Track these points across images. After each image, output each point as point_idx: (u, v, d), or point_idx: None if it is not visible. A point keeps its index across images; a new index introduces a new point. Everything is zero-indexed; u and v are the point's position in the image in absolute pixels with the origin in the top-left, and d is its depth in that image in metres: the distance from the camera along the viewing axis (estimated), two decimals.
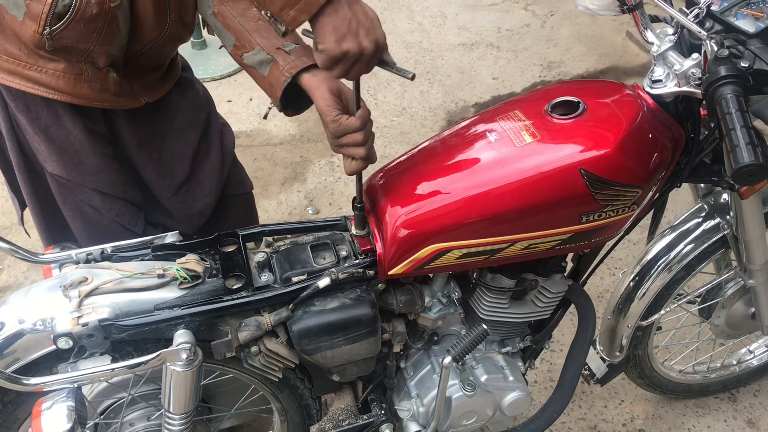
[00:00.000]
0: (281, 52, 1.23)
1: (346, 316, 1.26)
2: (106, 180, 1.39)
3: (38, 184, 1.43)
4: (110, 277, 1.23)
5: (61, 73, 1.26)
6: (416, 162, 1.32)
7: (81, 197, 1.41)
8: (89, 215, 1.43)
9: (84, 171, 1.36)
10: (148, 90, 1.40)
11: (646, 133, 1.24)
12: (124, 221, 1.44)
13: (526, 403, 1.50)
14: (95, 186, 1.39)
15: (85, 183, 1.38)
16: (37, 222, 1.51)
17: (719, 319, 1.76)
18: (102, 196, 1.41)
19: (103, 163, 1.37)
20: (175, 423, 1.28)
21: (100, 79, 1.29)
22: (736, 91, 1.00)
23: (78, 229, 1.45)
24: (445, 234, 1.22)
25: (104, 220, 1.43)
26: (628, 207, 1.25)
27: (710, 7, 1.26)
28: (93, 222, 1.43)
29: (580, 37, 3.75)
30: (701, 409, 1.97)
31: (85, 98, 1.29)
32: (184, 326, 1.21)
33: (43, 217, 1.48)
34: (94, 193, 1.40)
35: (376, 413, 1.49)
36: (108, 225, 1.43)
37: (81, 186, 1.38)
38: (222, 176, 1.59)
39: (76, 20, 1.16)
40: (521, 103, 1.33)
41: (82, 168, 1.35)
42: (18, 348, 1.21)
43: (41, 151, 1.34)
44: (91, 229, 1.43)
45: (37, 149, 1.34)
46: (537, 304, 1.45)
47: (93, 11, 1.16)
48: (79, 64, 1.26)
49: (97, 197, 1.40)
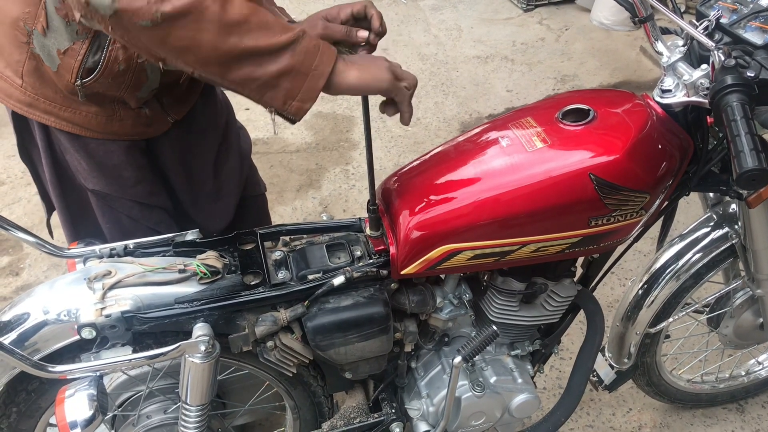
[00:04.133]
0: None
1: (360, 314, 1.30)
2: (143, 191, 1.44)
3: (70, 196, 1.48)
4: (133, 271, 1.27)
5: (94, 114, 1.32)
6: (430, 166, 1.36)
7: (121, 209, 1.45)
8: (127, 227, 1.47)
9: (123, 184, 1.41)
10: (177, 107, 1.45)
11: (655, 140, 1.27)
12: (161, 229, 1.48)
13: (534, 406, 1.52)
14: (133, 197, 1.43)
15: (125, 195, 1.43)
16: (66, 227, 1.56)
17: (727, 329, 1.78)
18: (140, 206, 1.45)
19: (140, 174, 1.42)
20: (192, 415, 1.32)
21: (132, 117, 1.36)
22: (742, 99, 1.04)
23: (115, 240, 1.50)
24: (457, 235, 1.25)
25: (141, 228, 1.47)
26: (636, 212, 1.28)
27: (719, 20, 1.29)
28: (130, 232, 1.47)
29: (594, 52, 3.78)
30: (709, 419, 1.98)
31: (117, 134, 1.35)
32: (203, 320, 1.25)
33: (72, 224, 1.53)
34: (133, 204, 1.45)
35: (387, 412, 1.52)
36: (144, 233, 1.47)
37: (121, 198, 1.43)
38: (242, 178, 1.64)
39: (105, 75, 1.22)
40: (533, 111, 1.37)
41: (121, 181, 1.40)
42: (42, 338, 1.25)
43: (81, 169, 1.38)
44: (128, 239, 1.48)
45: (76, 167, 1.39)
46: (546, 307, 1.48)
47: (120, 67, 1.22)
48: (112, 105, 1.32)
49: (136, 208, 1.45)
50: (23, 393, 1.33)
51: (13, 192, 2.82)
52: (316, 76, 1.03)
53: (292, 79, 1.02)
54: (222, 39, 0.96)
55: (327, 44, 1.07)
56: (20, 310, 1.28)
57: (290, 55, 1.00)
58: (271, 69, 1.00)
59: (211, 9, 0.93)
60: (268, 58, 0.99)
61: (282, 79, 1.02)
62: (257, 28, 0.97)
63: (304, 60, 1.02)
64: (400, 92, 1.14)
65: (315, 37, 1.05)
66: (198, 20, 0.94)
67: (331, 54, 1.05)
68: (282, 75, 1.01)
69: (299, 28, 1.02)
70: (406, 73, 1.17)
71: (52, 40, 1.22)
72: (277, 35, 0.99)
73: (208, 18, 0.94)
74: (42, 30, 1.20)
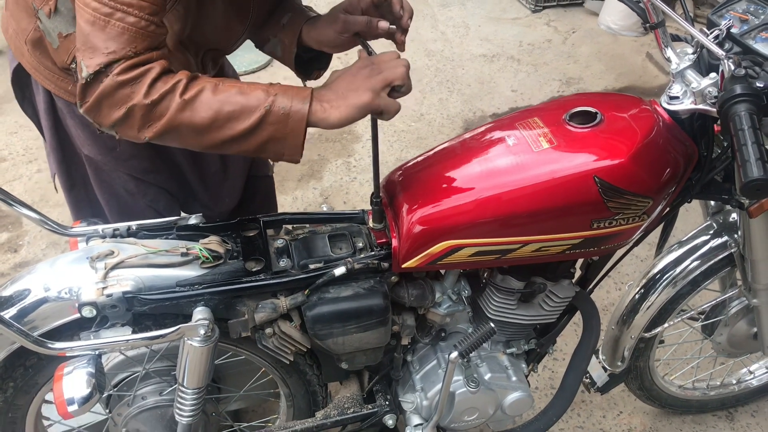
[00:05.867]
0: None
1: (359, 305, 1.31)
2: (138, 166, 1.44)
3: (70, 163, 1.49)
4: (136, 252, 1.28)
5: None
6: (435, 161, 1.37)
7: (116, 180, 1.46)
8: (124, 199, 1.48)
9: (117, 156, 1.41)
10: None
11: (660, 146, 1.28)
12: (159, 207, 1.49)
13: (527, 404, 1.53)
14: (128, 171, 1.44)
15: (119, 167, 1.43)
16: (67, 198, 1.57)
17: (721, 337, 1.79)
18: (136, 181, 1.46)
19: (135, 149, 1.42)
20: (188, 397, 1.33)
21: None
22: (750, 109, 1.04)
23: (113, 213, 1.50)
24: (460, 231, 1.26)
25: (138, 204, 1.48)
26: (638, 216, 1.28)
27: (730, 30, 1.30)
28: (128, 206, 1.48)
29: (600, 56, 3.79)
30: (699, 426, 2.00)
31: None
32: (204, 304, 1.25)
33: (72, 193, 1.54)
34: (128, 177, 1.45)
35: (381, 404, 1.53)
36: (142, 210, 1.48)
37: (115, 170, 1.43)
38: (247, 160, 1.65)
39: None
40: (540, 111, 1.37)
41: (114, 153, 1.41)
42: (41, 315, 1.25)
43: (78, 135, 1.39)
44: (125, 213, 1.48)
45: (74, 133, 1.40)
46: (544, 307, 1.49)
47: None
48: None
49: (132, 182, 1.46)
50: (21, 368, 1.34)
51: (14, 169, 2.82)
52: (293, 136, 1.10)
53: (274, 144, 1.11)
54: (202, 139, 1.09)
55: (297, 98, 1.09)
56: (21, 286, 1.29)
57: (262, 129, 1.09)
58: (253, 143, 1.10)
59: (184, 122, 1.06)
60: (247, 137, 1.09)
61: (266, 146, 1.11)
62: (226, 120, 1.07)
63: (277, 128, 1.09)
64: (386, 106, 1.12)
65: (284, 97, 1.08)
66: (177, 133, 1.08)
67: (301, 113, 1.08)
68: (264, 144, 1.11)
69: (265, 102, 1.07)
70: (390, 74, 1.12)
71: (56, 23, 1.23)
72: (246, 119, 1.07)
73: (183, 131, 1.08)
74: (48, 13, 1.21)
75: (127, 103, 1.04)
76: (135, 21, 1.03)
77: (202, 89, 1.06)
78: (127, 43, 1.03)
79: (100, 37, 1.02)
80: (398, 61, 1.12)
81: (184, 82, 1.05)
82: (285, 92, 1.09)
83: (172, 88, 1.04)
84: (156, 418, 1.48)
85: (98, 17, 1.01)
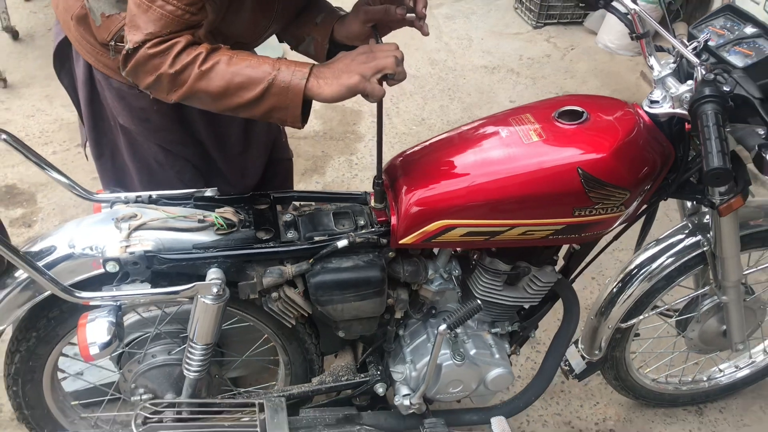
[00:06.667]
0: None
1: (358, 276, 1.43)
2: (168, 138, 1.56)
3: (100, 133, 1.61)
4: (157, 216, 1.40)
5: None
6: (434, 149, 1.50)
7: (147, 151, 1.58)
8: (154, 169, 1.60)
9: (148, 127, 1.53)
10: None
11: (640, 145, 1.40)
12: (185, 179, 1.60)
13: (507, 380, 1.65)
14: (159, 142, 1.56)
15: (150, 138, 1.55)
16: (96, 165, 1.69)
17: (693, 333, 1.91)
18: (165, 152, 1.57)
19: (165, 122, 1.53)
20: (197, 352, 1.44)
21: None
22: (716, 109, 1.17)
23: (143, 182, 1.62)
24: (454, 212, 1.38)
25: (167, 174, 1.60)
26: (616, 207, 1.41)
27: (707, 42, 1.43)
28: (156, 176, 1.60)
29: (596, 72, 3.93)
30: (669, 418, 2.12)
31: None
32: (217, 265, 1.37)
33: (100, 161, 1.66)
34: (158, 148, 1.57)
35: (373, 373, 1.64)
36: (170, 180, 1.59)
37: (147, 140, 1.55)
38: (269, 140, 1.77)
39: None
40: (532, 109, 1.50)
41: (146, 124, 1.52)
42: (67, 269, 1.37)
43: (115, 106, 1.51)
44: (154, 182, 1.60)
45: (111, 104, 1.52)
46: (527, 290, 1.61)
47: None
48: None
49: (161, 153, 1.57)
50: (44, 320, 1.45)
51: None
52: (292, 107, 1.26)
53: (278, 112, 1.27)
54: (217, 103, 1.27)
55: (297, 73, 1.24)
56: (49, 243, 1.40)
57: (267, 98, 1.25)
58: (260, 110, 1.27)
59: (201, 89, 1.23)
60: (254, 105, 1.26)
61: (271, 113, 1.28)
62: (236, 89, 1.24)
63: (279, 99, 1.25)
64: (372, 90, 1.24)
65: (287, 71, 1.23)
66: (197, 97, 1.26)
67: (299, 87, 1.24)
68: (270, 111, 1.27)
69: (269, 76, 1.23)
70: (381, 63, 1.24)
71: (100, 3, 1.36)
72: (252, 89, 1.24)
73: (201, 96, 1.25)
74: None
75: (157, 72, 1.22)
76: (173, 9, 1.19)
77: (218, 61, 1.22)
78: (164, 27, 1.20)
79: (142, 18, 1.19)
80: (391, 52, 1.25)
81: (203, 54, 1.21)
82: (288, 67, 1.24)
83: (192, 60, 1.21)
84: (164, 375, 1.59)
85: (143, 2, 1.19)
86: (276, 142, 1.83)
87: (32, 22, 3.97)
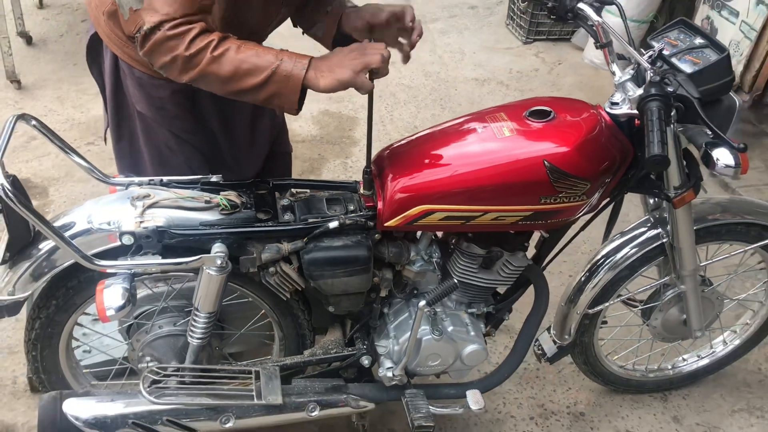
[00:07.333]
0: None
1: (347, 254, 1.59)
2: (180, 126, 1.72)
3: (121, 119, 1.78)
4: (168, 196, 1.56)
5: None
6: (417, 143, 1.67)
7: (161, 137, 1.74)
8: (165, 154, 1.76)
9: (164, 115, 1.69)
10: None
11: (601, 141, 1.58)
12: (193, 165, 1.76)
13: (482, 356, 1.81)
14: (172, 129, 1.72)
15: (164, 125, 1.71)
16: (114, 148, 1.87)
17: (656, 322, 2.07)
18: (176, 138, 1.74)
19: (180, 111, 1.70)
20: (201, 320, 1.60)
21: None
22: (659, 106, 1.35)
23: (154, 166, 1.78)
24: (433, 198, 1.55)
25: (176, 160, 1.76)
26: (578, 196, 1.58)
27: (662, 51, 1.61)
28: (167, 161, 1.76)
29: (581, 86, 4.12)
30: (636, 403, 2.27)
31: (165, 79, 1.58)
32: (221, 241, 1.54)
33: (119, 145, 1.83)
34: (170, 135, 1.73)
35: (359, 347, 1.80)
36: (179, 166, 1.75)
37: (161, 127, 1.72)
38: (273, 133, 1.94)
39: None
40: (506, 108, 1.68)
41: (162, 112, 1.69)
42: (84, 242, 1.52)
43: (134, 93, 1.68)
44: (164, 167, 1.76)
45: (131, 92, 1.69)
46: (501, 273, 1.77)
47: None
48: None
49: (173, 139, 1.74)
50: (63, 289, 1.61)
51: (43, 147, 3.11)
52: (291, 94, 1.43)
53: (277, 98, 1.43)
54: (225, 86, 1.42)
55: (298, 65, 1.40)
56: (69, 219, 1.58)
57: (269, 85, 1.40)
58: (262, 95, 1.43)
59: (212, 72, 1.38)
60: (258, 90, 1.41)
61: (272, 99, 1.43)
62: (243, 75, 1.39)
63: (279, 86, 1.41)
64: (361, 84, 1.42)
65: (289, 61, 1.40)
66: (207, 80, 1.41)
67: (298, 77, 1.41)
68: (271, 96, 1.43)
69: (273, 65, 1.39)
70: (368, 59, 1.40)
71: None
72: (257, 76, 1.39)
73: (211, 78, 1.41)
74: None
75: (173, 53, 1.37)
76: None
77: (228, 48, 1.38)
78: (180, 9, 1.36)
79: (159, 1, 1.35)
80: (378, 50, 1.42)
81: (215, 41, 1.37)
82: (290, 58, 1.41)
83: (206, 45, 1.36)
84: (169, 345, 1.75)
85: None
86: (279, 137, 2.00)
87: (45, 28, 4.15)
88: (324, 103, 3.72)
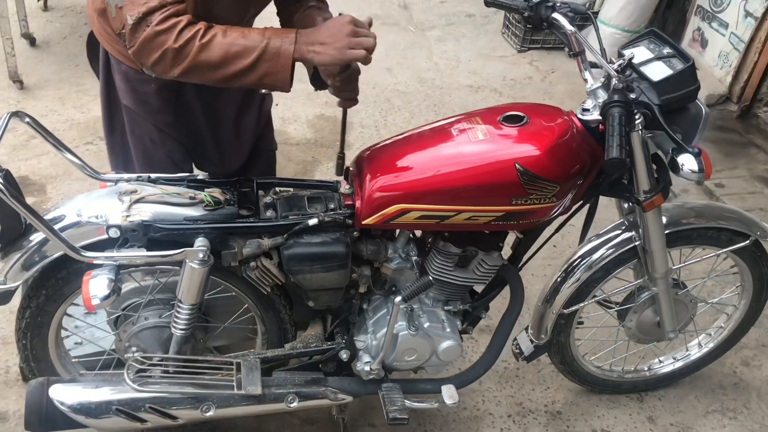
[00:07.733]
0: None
1: (326, 250, 1.65)
2: (163, 120, 1.79)
3: (113, 112, 1.85)
4: (154, 192, 1.63)
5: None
6: (396, 145, 1.74)
7: (144, 130, 1.81)
8: (148, 147, 1.83)
9: (148, 108, 1.76)
10: None
11: (571, 146, 1.64)
12: (175, 158, 1.84)
13: (457, 352, 1.87)
14: (155, 122, 1.79)
15: (148, 119, 1.78)
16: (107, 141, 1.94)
17: (631, 323, 2.13)
18: (159, 132, 1.81)
19: (164, 105, 1.77)
20: (184, 312, 1.67)
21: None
22: (621, 112, 1.42)
23: (138, 159, 1.85)
24: (410, 198, 1.61)
25: (159, 153, 1.83)
26: (548, 198, 1.64)
27: (632, 60, 1.67)
28: (150, 154, 1.83)
29: (573, 95, 4.19)
30: (612, 403, 2.32)
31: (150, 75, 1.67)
32: (204, 236, 1.60)
33: (111, 138, 1.91)
34: (153, 128, 1.80)
35: (338, 342, 1.86)
36: (161, 159, 1.82)
37: (145, 120, 1.79)
38: (258, 129, 2.00)
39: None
40: (482, 113, 1.74)
41: (146, 106, 1.76)
42: (73, 234, 1.58)
43: (121, 87, 1.75)
44: (148, 160, 1.83)
45: (118, 86, 1.76)
46: (476, 272, 1.83)
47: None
48: None
49: (155, 132, 1.81)
50: (53, 279, 1.67)
51: (42, 146, 3.18)
52: (283, 71, 1.47)
53: (269, 78, 1.47)
54: (216, 73, 1.46)
55: (286, 40, 1.45)
56: (59, 212, 1.64)
57: (260, 65, 1.44)
58: (254, 76, 1.46)
59: (203, 60, 1.42)
60: (249, 72, 1.45)
61: (264, 79, 1.47)
62: (233, 58, 1.43)
63: (271, 65, 1.45)
64: (352, 61, 1.48)
65: (276, 39, 1.45)
66: (199, 69, 1.45)
67: (288, 51, 1.45)
68: (263, 77, 1.46)
69: (261, 43, 1.44)
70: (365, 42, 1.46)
71: None
72: (248, 56, 1.43)
73: (203, 67, 1.44)
74: None
75: (162, 47, 1.41)
76: None
77: (215, 34, 1.42)
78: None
79: None
80: (372, 37, 1.48)
81: (202, 30, 1.42)
82: (276, 35, 1.46)
83: (194, 35, 1.41)
84: (154, 336, 1.81)
85: None
86: (264, 133, 2.06)
87: (48, 30, 4.23)
88: (320, 108, 3.79)
